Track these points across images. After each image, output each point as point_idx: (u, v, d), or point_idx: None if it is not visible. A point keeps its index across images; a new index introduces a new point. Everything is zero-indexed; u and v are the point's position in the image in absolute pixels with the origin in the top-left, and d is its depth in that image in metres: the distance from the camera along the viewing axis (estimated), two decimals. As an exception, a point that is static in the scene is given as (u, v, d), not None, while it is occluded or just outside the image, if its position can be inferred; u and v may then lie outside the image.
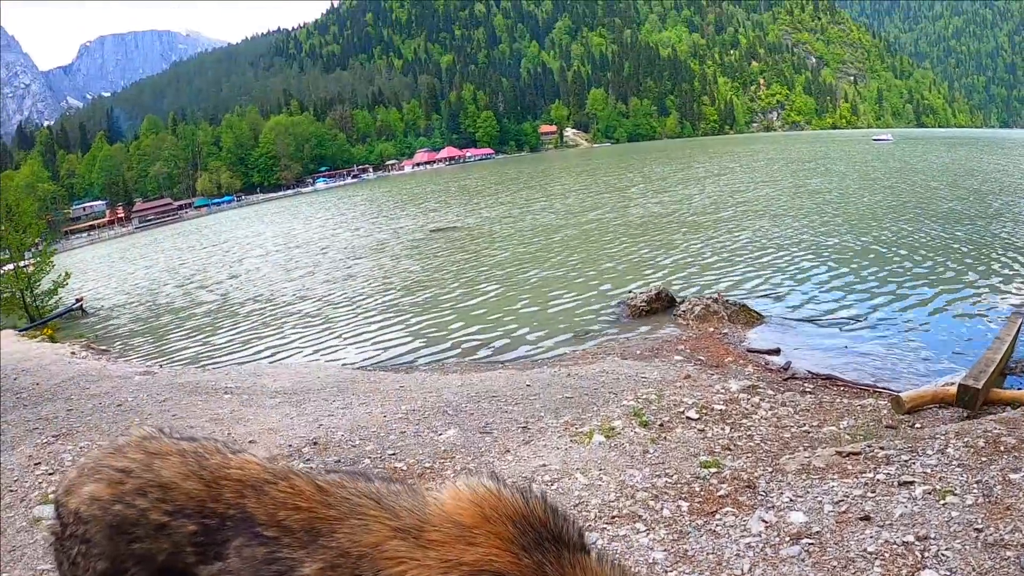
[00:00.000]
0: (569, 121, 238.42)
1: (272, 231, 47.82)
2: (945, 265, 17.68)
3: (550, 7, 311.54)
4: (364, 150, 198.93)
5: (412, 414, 7.82)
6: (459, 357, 12.18)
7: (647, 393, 8.19)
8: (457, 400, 8.25)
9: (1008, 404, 7.96)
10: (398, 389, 9.18)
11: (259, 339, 15.82)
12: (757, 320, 13.13)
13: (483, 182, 73.37)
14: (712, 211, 28.33)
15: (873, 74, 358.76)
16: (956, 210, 28.11)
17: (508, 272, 18.97)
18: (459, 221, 34.04)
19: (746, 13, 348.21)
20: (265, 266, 28.28)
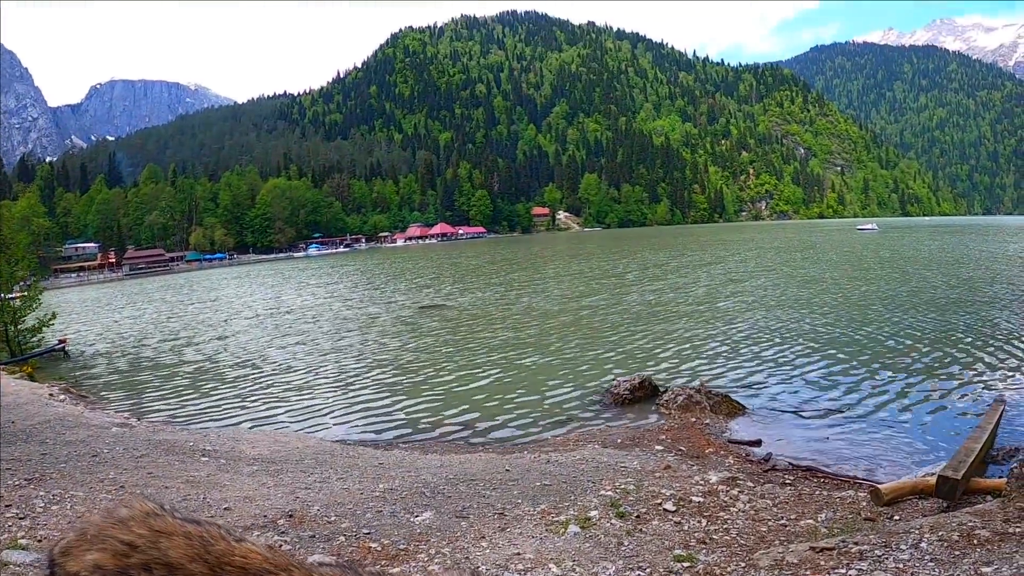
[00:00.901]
0: (562, 204, 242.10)
1: (263, 294, 47.53)
2: (928, 354, 17.89)
3: (549, 92, 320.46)
4: (358, 220, 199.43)
5: (389, 493, 7.78)
6: (440, 437, 12.08)
7: (626, 483, 8.18)
8: (435, 481, 8.20)
9: (988, 493, 7.94)
10: (377, 466, 9.14)
11: (241, 403, 15.65)
12: (739, 411, 13.09)
13: (476, 261, 73.91)
14: (702, 301, 28.83)
15: (860, 164, 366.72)
16: (939, 299, 28.83)
17: (494, 354, 18.87)
18: (450, 300, 33.88)
19: (738, 105, 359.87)
20: (254, 329, 28.05)
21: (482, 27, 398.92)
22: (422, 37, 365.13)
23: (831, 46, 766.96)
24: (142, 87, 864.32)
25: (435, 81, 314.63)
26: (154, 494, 7.01)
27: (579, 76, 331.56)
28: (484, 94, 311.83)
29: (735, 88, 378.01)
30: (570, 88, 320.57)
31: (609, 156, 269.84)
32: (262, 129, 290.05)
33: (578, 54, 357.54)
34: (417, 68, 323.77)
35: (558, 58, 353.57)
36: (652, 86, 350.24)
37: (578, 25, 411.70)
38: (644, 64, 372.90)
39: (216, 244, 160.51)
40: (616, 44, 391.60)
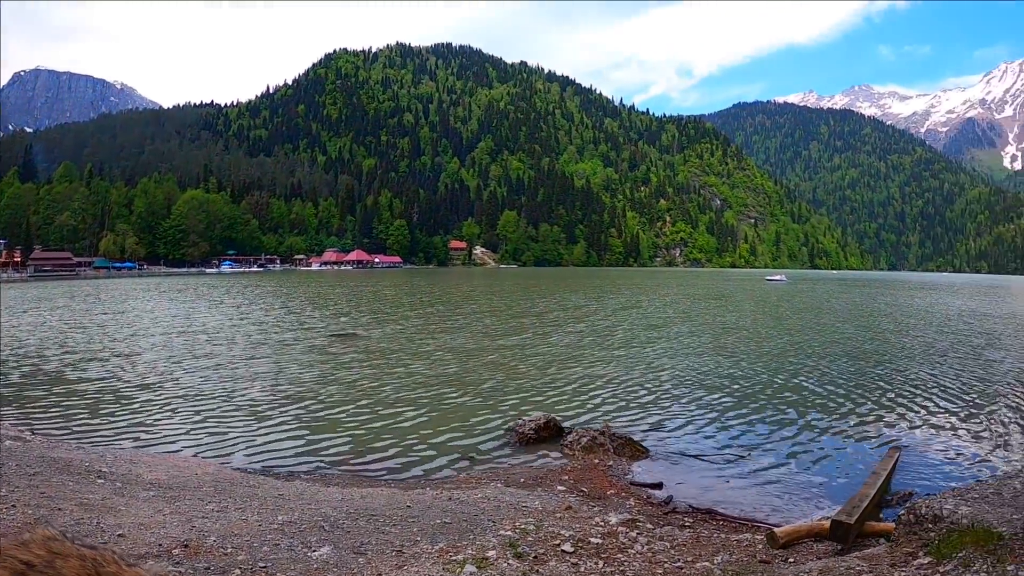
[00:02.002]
0: (479, 239, 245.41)
1: (175, 310, 45.22)
2: (831, 402, 18.36)
3: (476, 127, 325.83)
4: (274, 240, 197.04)
5: (288, 526, 7.62)
6: (343, 469, 11.74)
7: (526, 523, 8.16)
8: (335, 515, 8.04)
9: (881, 536, 8.19)
10: (277, 497, 8.94)
11: (142, 424, 14.83)
12: (643, 454, 13.14)
13: (392, 292, 72.27)
14: (618, 345, 28.38)
15: (773, 218, 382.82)
16: (844, 349, 29.68)
17: (405, 388, 18.34)
18: (365, 330, 32.55)
19: (659, 153, 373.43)
20: (163, 348, 26.46)
21: (416, 57, 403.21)
22: (356, 61, 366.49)
23: (753, 103, 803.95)
24: (67, 80, 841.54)
25: (364, 106, 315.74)
26: (47, 516, 7.31)
27: (507, 114, 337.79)
28: (412, 124, 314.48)
29: (658, 137, 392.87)
30: (497, 125, 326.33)
31: (530, 195, 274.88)
32: (185, 137, 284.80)
33: (508, 92, 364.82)
34: (347, 91, 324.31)
35: (488, 94, 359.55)
36: (577, 130, 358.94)
37: (510, 64, 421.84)
38: (571, 107, 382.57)
39: (127, 252, 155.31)
40: (546, 85, 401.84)
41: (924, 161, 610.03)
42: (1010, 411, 17.76)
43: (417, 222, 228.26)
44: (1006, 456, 13.69)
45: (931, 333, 38.17)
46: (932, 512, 6.96)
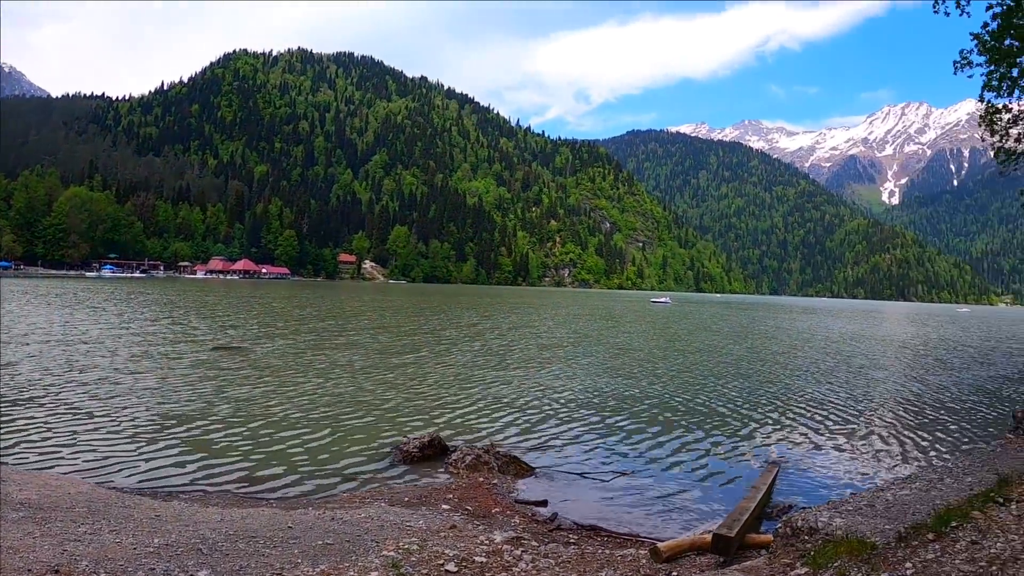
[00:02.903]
0: (369, 253, 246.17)
1: (54, 316, 41.90)
2: (714, 419, 18.83)
3: (371, 139, 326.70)
4: (159, 245, 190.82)
5: (165, 549, 7.37)
6: (223, 488, 11.27)
7: (409, 543, 8.14)
8: (214, 537, 7.83)
9: (762, 547, 8.37)
10: (154, 518, 8.61)
11: (15, 441, 13.76)
12: (528, 472, 13.20)
13: (282, 304, 69.02)
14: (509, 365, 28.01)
15: (660, 242, 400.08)
16: (727, 368, 30.80)
17: (291, 404, 17.85)
18: (253, 343, 31.09)
19: (552, 175, 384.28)
20: (40, 358, 24.49)
21: (317, 63, 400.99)
22: (255, 63, 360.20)
23: (646, 131, 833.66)
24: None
25: (260, 110, 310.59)
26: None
27: (403, 128, 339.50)
28: (307, 132, 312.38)
29: (552, 159, 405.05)
30: (393, 139, 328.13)
31: (422, 211, 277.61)
32: (72, 130, 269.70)
33: (406, 106, 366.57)
34: (244, 94, 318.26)
35: (386, 107, 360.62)
36: (473, 148, 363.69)
37: (411, 77, 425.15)
38: (468, 125, 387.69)
39: (3, 250, 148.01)
40: (444, 102, 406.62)
41: (807, 193, 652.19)
42: (885, 427, 18.95)
43: (307, 233, 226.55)
44: (880, 470, 14.41)
45: (812, 353, 40.45)
46: (808, 524, 7.35)
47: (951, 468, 11.22)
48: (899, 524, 7.23)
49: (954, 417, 20.69)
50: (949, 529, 6.63)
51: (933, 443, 17.06)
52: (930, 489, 9.24)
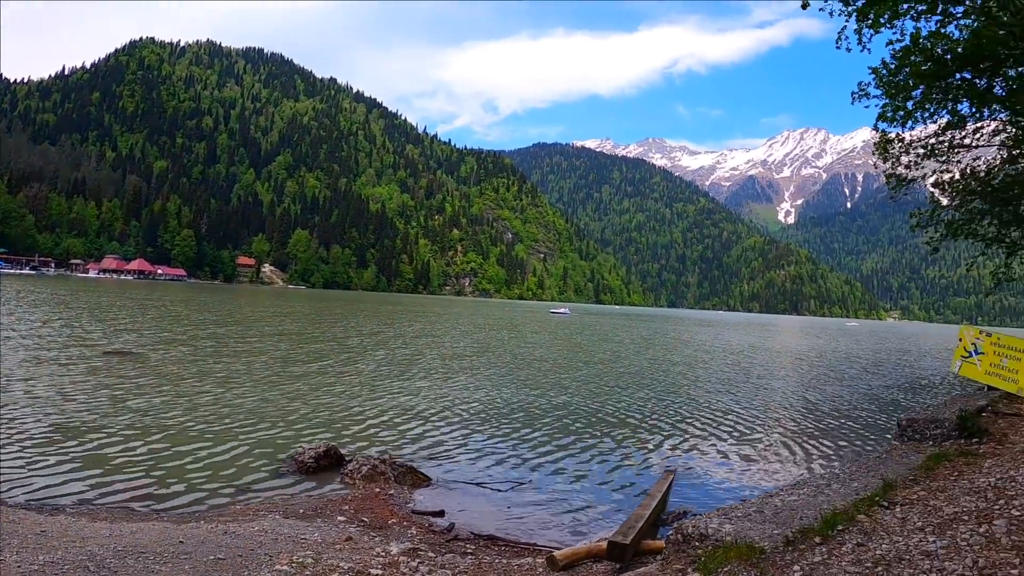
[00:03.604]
0: (269, 257, 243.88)
1: None
2: (612, 428, 19.08)
3: (276, 139, 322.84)
4: (51, 240, 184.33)
5: (50, 567, 6.83)
6: (113, 502, 10.68)
7: (304, 556, 7.79)
8: (102, 554, 7.28)
9: (657, 553, 8.43)
10: (39, 534, 7.98)
11: None
12: (424, 482, 13.15)
13: (180, 308, 66.33)
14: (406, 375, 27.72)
15: (562, 254, 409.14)
16: (627, 378, 31.17)
17: (185, 413, 17.24)
18: (148, 349, 29.80)
19: (456, 184, 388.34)
20: None
21: (225, 57, 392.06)
22: (162, 53, 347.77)
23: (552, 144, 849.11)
24: None
25: (163, 103, 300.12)
26: None
27: (309, 129, 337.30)
28: (210, 128, 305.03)
29: (457, 168, 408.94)
30: (298, 140, 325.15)
31: (324, 215, 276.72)
32: None
33: (313, 107, 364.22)
34: (148, 84, 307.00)
35: (293, 107, 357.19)
36: (378, 153, 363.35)
37: (320, 79, 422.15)
38: (375, 130, 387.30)
39: None
40: (352, 105, 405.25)
41: (707, 211, 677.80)
42: (778, 435, 19.52)
43: (206, 234, 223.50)
44: (770, 476, 14.76)
45: (712, 364, 41.68)
46: (699, 530, 7.54)
47: (838, 474, 11.48)
48: (787, 529, 7.40)
49: (844, 425, 21.70)
50: (835, 532, 6.95)
51: (823, 450, 17.77)
52: (818, 494, 9.43)
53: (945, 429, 12.72)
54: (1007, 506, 7.47)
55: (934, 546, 6.36)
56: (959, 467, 9.83)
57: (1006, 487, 8.30)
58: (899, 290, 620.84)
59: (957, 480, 9.05)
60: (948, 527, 6.99)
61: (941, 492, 8.51)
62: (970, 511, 7.46)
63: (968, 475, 9.26)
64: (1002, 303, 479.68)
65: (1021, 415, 13.62)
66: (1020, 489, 8.13)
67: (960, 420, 12.51)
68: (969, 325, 18.40)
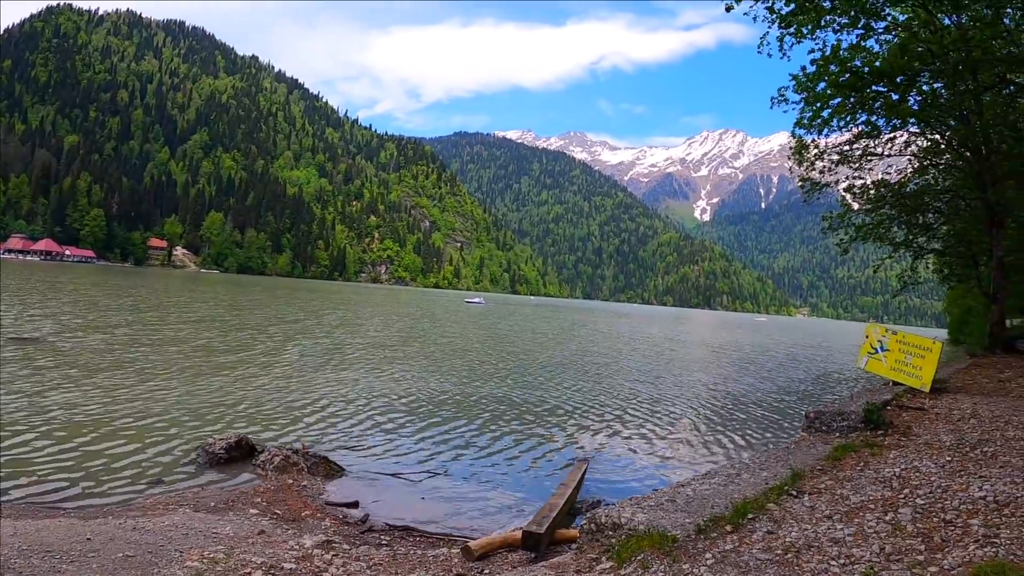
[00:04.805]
0: (182, 240, 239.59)
1: None
2: (528, 419, 19.14)
3: (193, 117, 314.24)
4: None
5: None
6: (16, 498, 10.05)
7: (215, 551, 7.64)
8: (6, 553, 6.98)
9: (572, 542, 8.45)
10: None
11: None
12: (338, 473, 12.87)
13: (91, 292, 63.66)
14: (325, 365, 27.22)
15: (479, 244, 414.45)
16: (543, 369, 31.36)
17: (94, 403, 16.44)
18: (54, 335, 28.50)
19: (376, 170, 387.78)
20: None
21: (145, 29, 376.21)
22: (79, 21, 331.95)
23: (474, 134, 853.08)
24: None
25: (78, 74, 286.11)
26: None
27: (228, 108, 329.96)
28: (125, 102, 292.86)
29: (377, 154, 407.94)
30: (215, 118, 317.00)
31: (240, 197, 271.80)
32: None
33: (233, 85, 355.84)
34: (63, 54, 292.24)
35: (212, 84, 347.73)
36: (298, 135, 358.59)
37: (241, 56, 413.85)
38: (295, 112, 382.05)
39: None
40: (273, 85, 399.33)
41: (624, 205, 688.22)
42: (692, 426, 19.89)
43: (117, 214, 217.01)
44: (683, 466, 14.97)
45: (630, 355, 42.23)
46: (612, 520, 7.48)
47: (748, 464, 11.36)
48: (699, 517, 7.41)
49: (754, 416, 22.00)
50: (746, 520, 7.13)
51: (734, 440, 18.01)
52: (728, 484, 9.39)
53: (851, 421, 12.80)
54: (912, 495, 7.73)
55: (842, 533, 6.56)
56: (865, 458, 10.01)
57: (911, 477, 8.56)
58: (809, 288, 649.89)
59: (863, 470, 9.26)
60: (855, 515, 7.17)
61: (848, 481, 8.68)
62: (876, 500, 7.68)
63: (874, 465, 9.48)
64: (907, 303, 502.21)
65: (924, 409, 13.90)
66: (924, 479, 8.38)
67: (866, 413, 12.64)
68: (876, 323, 19.47)
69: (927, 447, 10.54)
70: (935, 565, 5.69)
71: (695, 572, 5.97)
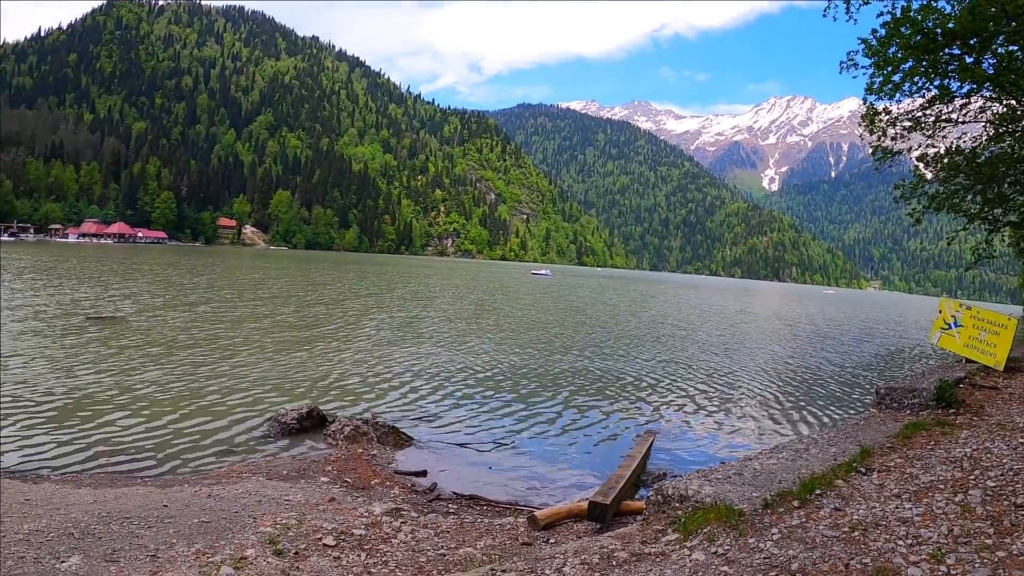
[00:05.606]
0: (250, 218, 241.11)
1: None
2: (596, 389, 19.17)
3: (257, 99, 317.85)
4: (29, 206, 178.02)
5: (35, 535, 6.91)
6: (97, 467, 10.63)
7: (288, 517, 7.89)
8: (87, 520, 7.32)
9: (637, 514, 8.53)
10: (23, 503, 7.96)
11: None
12: (407, 442, 13.15)
13: (165, 271, 64.86)
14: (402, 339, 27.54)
15: (544, 215, 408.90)
16: (613, 340, 31.70)
17: (170, 376, 17.03)
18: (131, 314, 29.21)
19: (439, 144, 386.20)
20: None
21: (205, 16, 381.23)
22: (140, 12, 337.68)
23: (536, 105, 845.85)
24: None
25: (142, 63, 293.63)
26: None
27: (291, 88, 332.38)
28: (190, 88, 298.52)
29: (440, 128, 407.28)
30: (279, 99, 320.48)
31: (306, 175, 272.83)
32: None
33: (295, 66, 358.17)
34: (126, 45, 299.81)
35: (274, 66, 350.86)
36: (361, 112, 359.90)
37: (301, 37, 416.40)
38: (358, 89, 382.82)
39: None
40: (335, 64, 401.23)
41: (691, 175, 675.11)
42: (762, 399, 19.75)
43: (186, 196, 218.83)
44: (751, 440, 14.90)
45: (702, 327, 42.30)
46: (678, 492, 7.56)
47: (817, 439, 11.33)
48: (766, 492, 7.39)
49: (825, 391, 21.99)
50: (813, 496, 7.02)
51: (803, 415, 18.01)
52: (796, 458, 9.37)
53: (923, 399, 12.65)
54: (982, 477, 7.52)
55: (910, 513, 6.49)
56: (936, 436, 9.81)
57: (982, 458, 8.33)
58: (880, 260, 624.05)
59: (934, 449, 9.07)
60: (924, 495, 7.06)
61: (918, 460, 8.53)
62: (946, 480, 7.53)
63: (944, 445, 9.24)
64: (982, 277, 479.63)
65: (997, 388, 13.50)
66: (995, 461, 8.18)
67: (938, 390, 12.41)
68: (949, 298, 17.87)
69: (1000, 428, 10.15)
70: (1003, 549, 5.56)
71: (761, 546, 5.98)
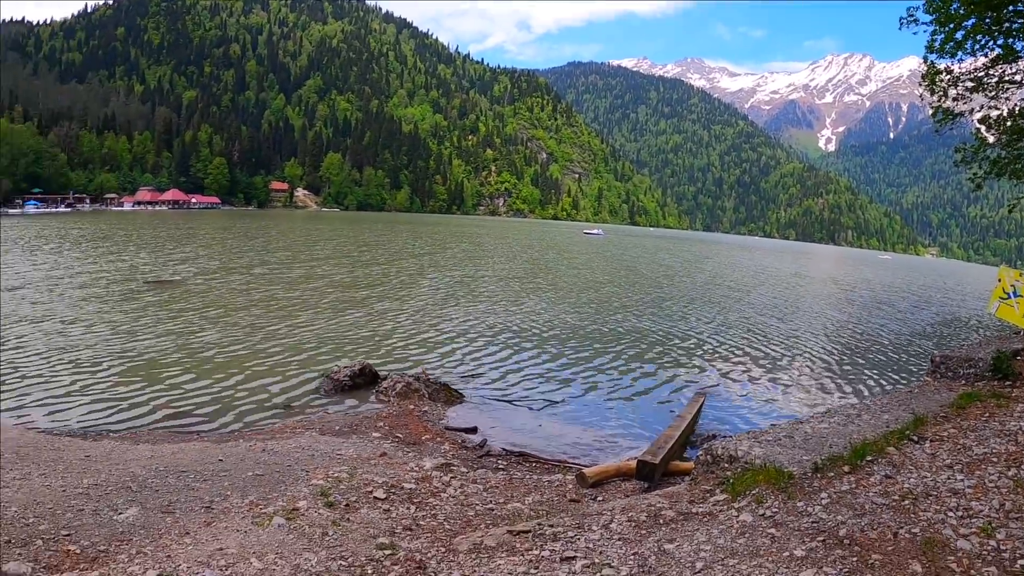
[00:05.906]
0: (302, 181, 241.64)
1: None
2: (645, 349, 19.35)
3: (305, 63, 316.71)
4: (84, 177, 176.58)
5: (94, 489, 7.20)
6: (153, 424, 11.17)
7: (339, 471, 8.14)
8: (144, 474, 7.73)
9: (686, 474, 8.52)
10: (83, 459, 8.38)
11: None
12: (457, 399, 13.28)
13: (219, 235, 66.62)
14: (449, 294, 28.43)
15: (596, 174, 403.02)
16: (661, 301, 31.63)
17: (224, 336, 17.48)
18: (185, 276, 30.29)
19: (490, 104, 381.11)
20: None
21: None
22: None
23: (587, 63, 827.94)
24: None
25: (189, 33, 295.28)
26: None
27: (339, 52, 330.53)
28: (238, 55, 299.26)
29: (490, 88, 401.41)
30: (327, 63, 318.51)
31: (356, 137, 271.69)
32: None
33: (342, 29, 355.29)
34: (172, 15, 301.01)
35: (321, 30, 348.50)
36: (410, 73, 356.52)
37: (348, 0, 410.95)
38: (406, 51, 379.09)
39: None
40: (382, 26, 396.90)
41: (745, 134, 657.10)
42: (815, 363, 19.93)
43: (238, 161, 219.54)
44: (803, 403, 15.08)
45: (759, 289, 42.15)
46: (728, 452, 7.45)
47: (869, 405, 11.18)
48: (816, 456, 7.37)
49: (879, 357, 21.96)
50: (864, 463, 7.00)
51: (857, 381, 17.99)
52: (848, 424, 9.24)
53: (978, 369, 12.39)
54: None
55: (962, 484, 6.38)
56: (990, 408, 9.52)
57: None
58: (939, 226, 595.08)
59: (988, 421, 8.81)
60: (977, 467, 6.89)
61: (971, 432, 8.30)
62: (999, 453, 7.32)
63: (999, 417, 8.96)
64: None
65: None
66: None
67: (995, 361, 12.07)
68: (1009, 267, 16.29)
69: (1057, 403, 9.95)
70: (1055, 528, 5.48)
71: (809, 510, 6.00)
